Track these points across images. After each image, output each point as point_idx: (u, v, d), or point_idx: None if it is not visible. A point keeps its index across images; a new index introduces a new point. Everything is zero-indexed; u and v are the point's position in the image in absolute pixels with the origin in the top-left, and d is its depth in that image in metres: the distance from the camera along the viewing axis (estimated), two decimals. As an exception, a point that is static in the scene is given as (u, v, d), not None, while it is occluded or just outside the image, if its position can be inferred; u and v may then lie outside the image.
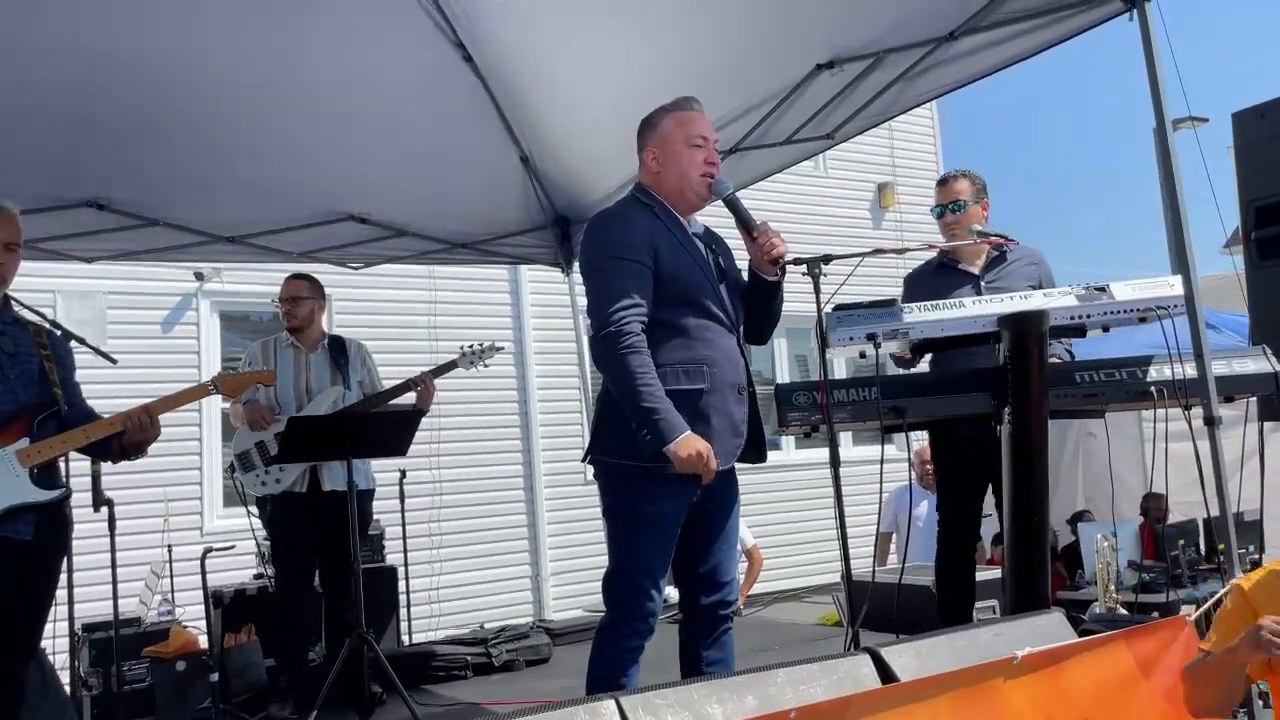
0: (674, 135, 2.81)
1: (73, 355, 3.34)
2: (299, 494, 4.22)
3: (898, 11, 3.60)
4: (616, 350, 2.60)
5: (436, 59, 4.07)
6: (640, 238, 2.70)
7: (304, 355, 4.43)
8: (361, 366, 4.52)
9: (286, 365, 4.37)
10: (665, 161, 2.82)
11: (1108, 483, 7.43)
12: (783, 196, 9.07)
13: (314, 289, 4.50)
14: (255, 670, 4.41)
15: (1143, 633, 2.49)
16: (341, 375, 4.40)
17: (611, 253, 2.70)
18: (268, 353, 4.43)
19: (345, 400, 4.35)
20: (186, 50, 3.71)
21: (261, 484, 4.24)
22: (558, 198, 5.45)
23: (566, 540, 8.47)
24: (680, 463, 2.55)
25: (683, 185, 2.81)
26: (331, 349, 4.48)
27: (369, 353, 4.58)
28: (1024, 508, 3.11)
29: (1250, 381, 3.12)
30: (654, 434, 2.56)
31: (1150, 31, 2.95)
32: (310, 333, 4.46)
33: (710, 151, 2.83)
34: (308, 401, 4.32)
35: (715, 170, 2.83)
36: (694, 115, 2.83)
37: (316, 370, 4.39)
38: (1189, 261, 2.93)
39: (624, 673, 2.64)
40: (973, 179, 3.86)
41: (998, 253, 3.78)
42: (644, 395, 2.57)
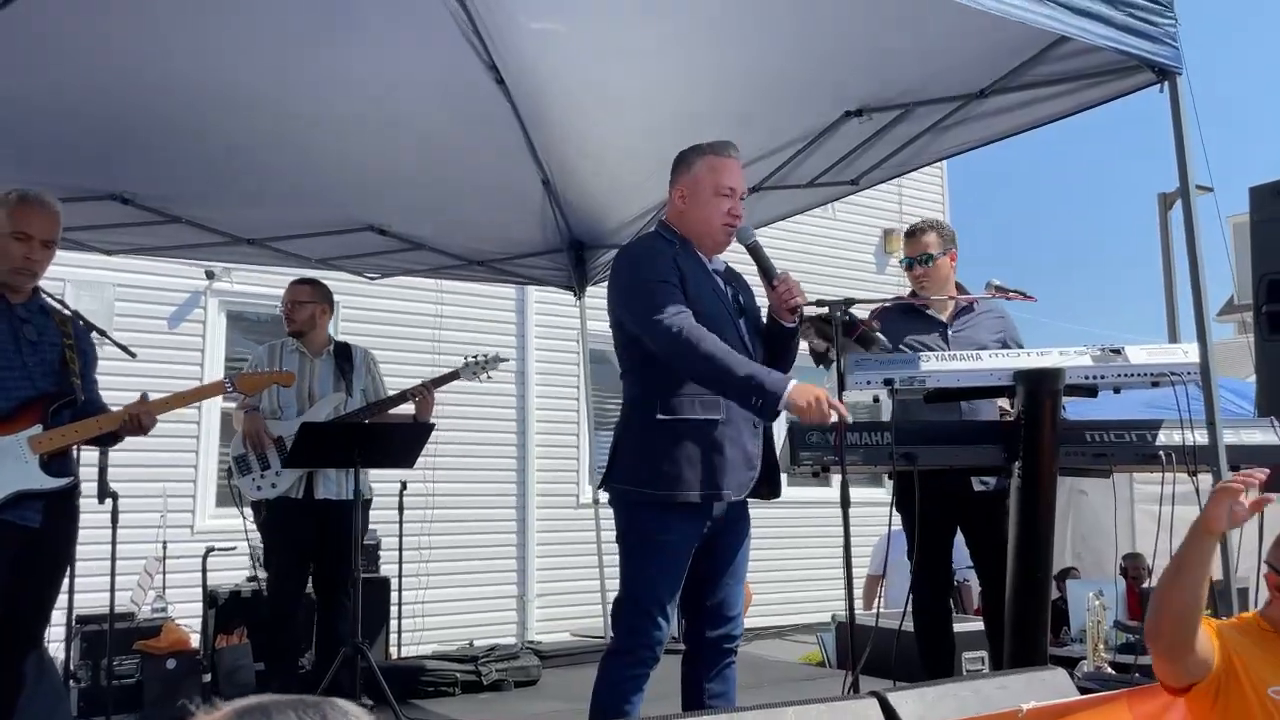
0: (705, 181, 2.86)
1: (95, 349, 3.36)
2: (294, 500, 4.20)
3: (931, 65, 3.66)
4: (689, 342, 2.62)
5: (467, 78, 4.12)
6: (668, 265, 2.77)
7: (309, 361, 4.42)
8: (366, 374, 4.52)
9: (291, 369, 4.33)
10: (691, 204, 2.87)
11: (1096, 540, 7.49)
12: (792, 237, 9.14)
13: (317, 293, 4.49)
14: (245, 673, 4.39)
15: (1144, 694, 2.53)
16: (345, 382, 4.40)
17: (647, 276, 2.76)
18: (274, 357, 4.42)
19: (346, 407, 4.35)
20: (217, 56, 3.76)
21: (257, 488, 4.23)
22: (575, 222, 5.50)
23: (555, 563, 8.46)
24: (801, 411, 2.57)
25: (704, 231, 2.87)
26: (337, 355, 4.48)
27: (375, 360, 4.59)
28: (1028, 563, 3.14)
29: (1258, 453, 3.17)
30: (764, 396, 2.57)
31: (1180, 104, 3.02)
32: (315, 338, 4.45)
33: (736, 203, 2.88)
34: (309, 407, 4.31)
35: (738, 221, 2.89)
36: (728, 164, 2.88)
37: (321, 376, 4.39)
38: (1205, 330, 2.99)
39: (628, 700, 2.66)
40: (940, 231, 3.92)
41: (965, 305, 3.85)
42: (736, 366, 2.60)
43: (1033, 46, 3.36)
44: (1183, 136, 3.02)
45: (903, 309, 3.96)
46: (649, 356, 2.73)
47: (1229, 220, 10.05)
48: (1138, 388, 3.21)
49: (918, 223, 4.01)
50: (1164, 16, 3.05)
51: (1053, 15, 2.81)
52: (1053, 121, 3.66)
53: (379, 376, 4.60)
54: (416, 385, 4.42)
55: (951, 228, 4.00)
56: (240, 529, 4.61)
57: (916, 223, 4.02)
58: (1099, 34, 2.90)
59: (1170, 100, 3.04)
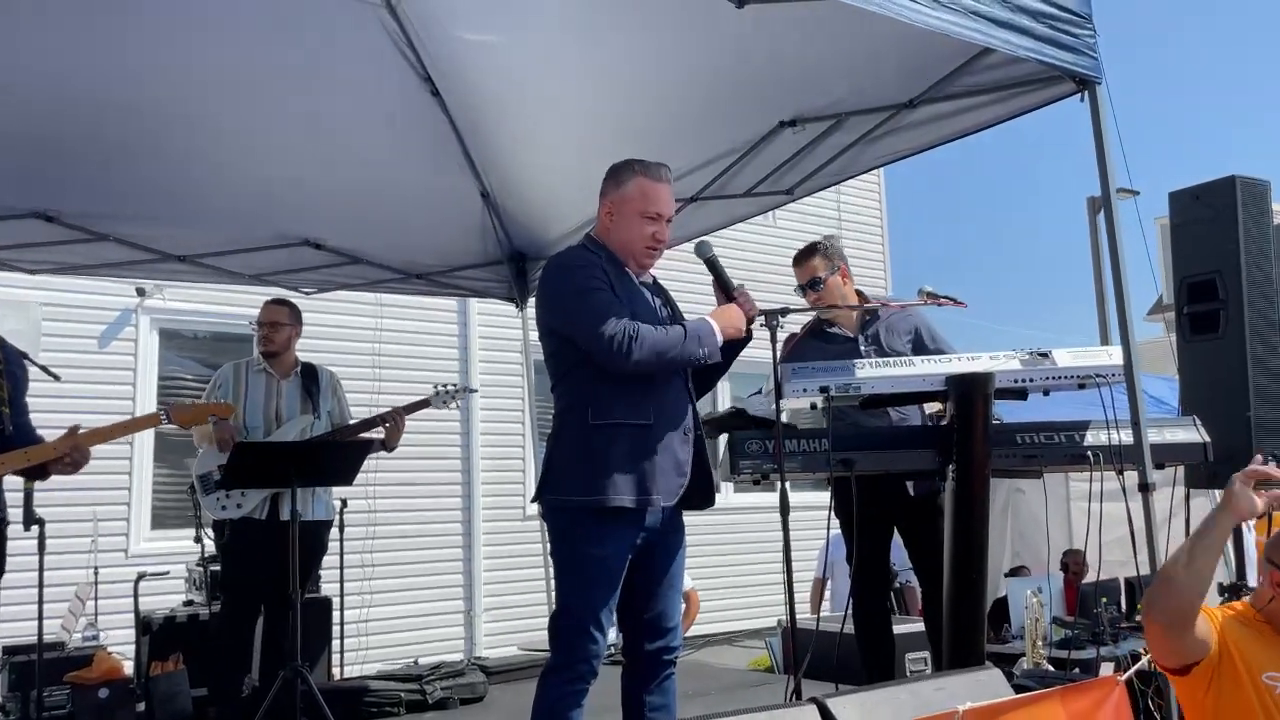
0: (633, 201, 2.85)
1: (26, 371, 3.28)
2: (258, 520, 4.15)
3: (861, 77, 3.72)
4: (635, 344, 2.66)
5: (403, 91, 4.09)
6: (598, 272, 2.78)
7: (276, 382, 4.38)
8: (332, 396, 4.49)
9: (258, 390, 4.32)
10: (617, 221, 2.87)
11: (1034, 538, 7.64)
12: (732, 246, 9.21)
13: (293, 315, 4.49)
14: (182, 700, 4.29)
15: (1076, 691, 2.57)
16: (312, 404, 4.36)
17: (580, 286, 2.76)
18: (239, 376, 4.37)
19: (314, 430, 4.31)
20: (148, 70, 3.69)
21: (221, 508, 4.17)
22: (516, 234, 5.49)
23: (501, 577, 8.40)
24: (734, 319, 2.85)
25: (625, 252, 2.88)
26: (304, 377, 4.44)
27: (340, 383, 4.55)
28: (964, 564, 3.20)
29: (1181, 450, 3.27)
30: (706, 344, 2.78)
31: (1100, 112, 3.10)
32: (285, 359, 4.42)
33: (661, 228, 2.88)
34: (276, 428, 4.26)
35: (661, 246, 2.89)
36: (659, 188, 2.87)
37: (288, 398, 4.35)
38: (1129, 334, 3.06)
39: (567, 715, 2.65)
40: (825, 252, 3.94)
41: (870, 316, 3.91)
42: (679, 337, 2.75)
43: (959, 58, 3.43)
44: (1103, 143, 3.11)
45: (812, 336, 3.99)
46: (579, 361, 2.74)
47: (1156, 222, 10.34)
48: (1066, 389, 3.29)
49: (802, 248, 4.02)
50: (1083, 29, 3.13)
51: (977, 28, 2.87)
52: (981, 130, 3.73)
53: (344, 399, 4.57)
54: (387, 411, 4.39)
55: (837, 244, 4.02)
56: (178, 552, 4.52)
57: (801, 248, 4.03)
58: (1021, 45, 2.97)
59: (1090, 109, 3.12)
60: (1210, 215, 3.72)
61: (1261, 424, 3.58)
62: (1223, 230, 3.68)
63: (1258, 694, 2.30)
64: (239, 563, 4.22)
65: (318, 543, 4.35)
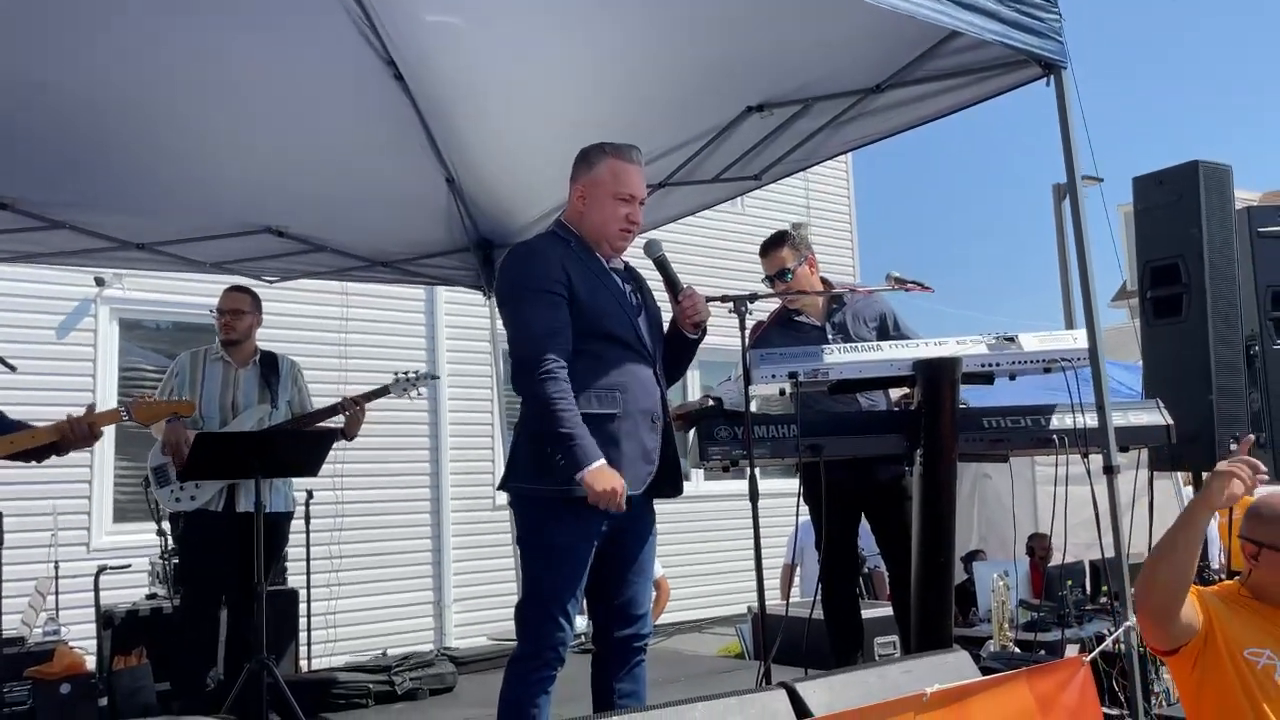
0: (605, 184, 2.83)
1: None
2: (213, 513, 4.09)
3: (828, 62, 3.71)
4: (535, 378, 2.62)
5: (365, 74, 4.02)
6: (554, 269, 2.74)
7: (234, 371, 4.31)
8: (292, 385, 4.43)
9: (214, 379, 4.25)
10: (590, 205, 2.85)
11: (1001, 522, 7.72)
12: (701, 232, 9.21)
13: (254, 303, 4.43)
14: (145, 694, 4.22)
15: (1042, 672, 2.60)
16: (270, 393, 4.30)
17: (527, 285, 2.73)
18: (197, 365, 4.29)
19: (271, 419, 4.25)
20: (103, 57, 3.61)
21: (176, 500, 4.11)
22: (482, 221, 5.43)
23: (471, 566, 8.36)
24: (593, 494, 2.56)
25: (599, 234, 2.85)
26: (263, 366, 4.37)
27: (301, 371, 4.49)
28: (931, 547, 3.21)
29: (1145, 433, 3.30)
30: (569, 460, 2.58)
31: (1065, 97, 3.11)
32: (244, 347, 4.36)
33: (634, 209, 2.86)
34: (232, 418, 4.19)
35: (635, 228, 2.87)
36: (630, 169, 2.86)
37: (245, 387, 4.28)
38: (1094, 319, 3.08)
39: (534, 704, 2.64)
40: (793, 242, 3.94)
41: (835, 304, 3.92)
42: (561, 421, 2.59)
43: (925, 42, 3.42)
44: (1068, 128, 3.12)
45: (779, 326, 4.00)
46: None
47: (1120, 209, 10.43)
48: (1032, 374, 3.31)
49: (769, 237, 4.00)
50: (1049, 12, 3.14)
51: (944, 11, 2.87)
52: (947, 115, 3.73)
53: (305, 388, 4.50)
54: (345, 399, 4.33)
55: (804, 234, 4.01)
56: (139, 545, 4.45)
57: (768, 238, 4.01)
58: (988, 29, 2.97)
59: (1056, 93, 3.13)
60: (1173, 200, 3.75)
61: (1224, 406, 3.63)
62: (1185, 215, 3.71)
63: (1237, 670, 2.35)
64: (196, 556, 4.16)
65: (278, 535, 4.30)
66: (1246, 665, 2.35)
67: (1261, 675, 2.34)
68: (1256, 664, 2.35)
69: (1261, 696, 2.32)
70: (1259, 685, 2.34)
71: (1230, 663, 2.36)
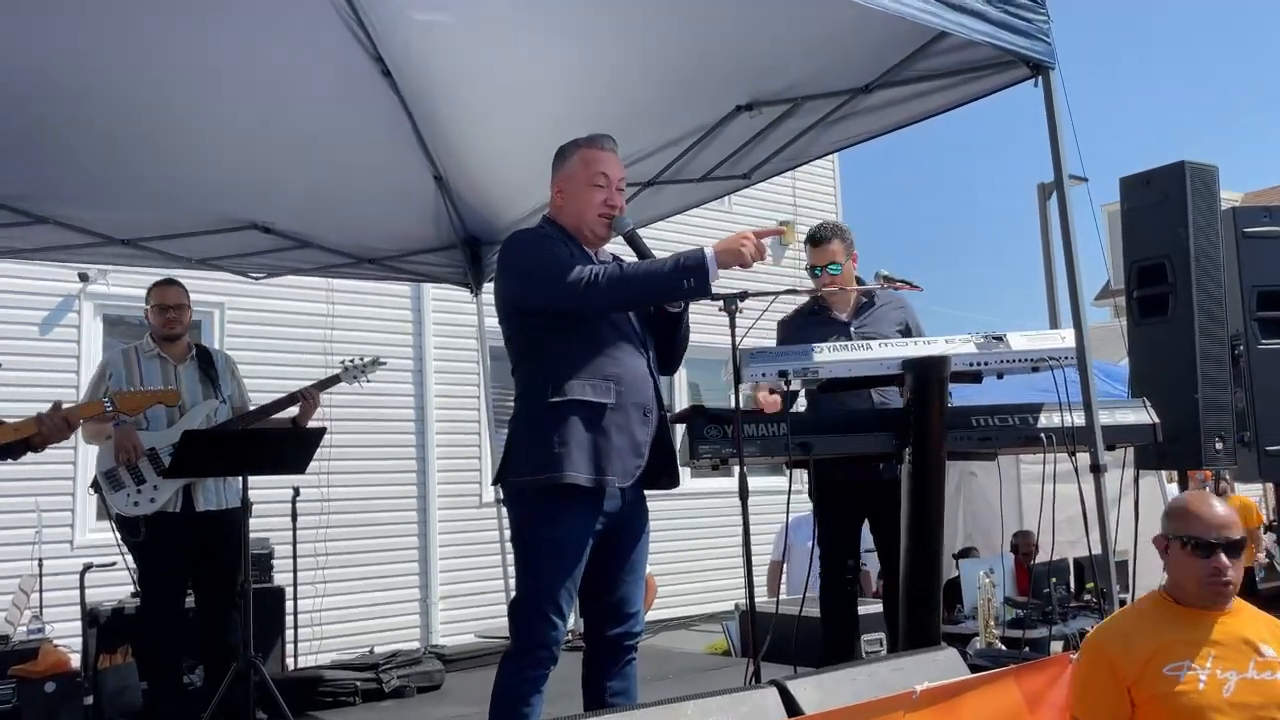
0: (578, 173, 2.85)
1: None
2: (173, 514, 4.00)
3: (817, 61, 3.72)
4: (606, 281, 2.64)
5: (353, 72, 4.01)
6: (560, 247, 2.78)
7: (172, 366, 4.18)
8: (231, 379, 4.34)
9: (153, 376, 4.11)
10: (568, 197, 2.87)
11: (987, 519, 7.76)
12: (688, 231, 9.19)
13: (188, 296, 4.28)
14: (131, 693, 4.20)
15: (1030, 670, 2.62)
16: (214, 388, 4.21)
17: (537, 252, 2.76)
18: (131, 362, 4.15)
19: (219, 416, 4.16)
20: (87, 52, 3.58)
21: (134, 504, 3.98)
22: (470, 218, 5.42)
23: (458, 564, 8.35)
24: (737, 257, 2.63)
25: (580, 223, 2.86)
26: (200, 360, 4.26)
27: (236, 364, 4.43)
28: (919, 545, 3.22)
29: (1131, 432, 3.32)
30: (694, 275, 2.61)
31: (1053, 98, 3.13)
32: (181, 343, 4.23)
33: (611, 192, 2.85)
34: (179, 417, 4.12)
35: (614, 211, 2.86)
36: (601, 154, 2.86)
37: (188, 383, 4.16)
38: (1081, 317, 3.10)
39: (526, 702, 2.63)
40: (843, 237, 3.98)
41: (865, 299, 3.95)
42: (656, 267, 2.64)
43: (914, 42, 3.44)
44: (1056, 128, 3.14)
45: (805, 317, 4.05)
46: (538, 340, 2.72)
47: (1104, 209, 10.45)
48: (1019, 373, 3.32)
49: (821, 229, 4.03)
50: (1037, 13, 3.15)
51: (933, 11, 2.88)
52: (935, 115, 3.75)
53: (242, 381, 4.42)
54: (300, 390, 4.26)
55: (850, 231, 4.06)
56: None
57: (819, 229, 4.04)
58: (976, 29, 2.98)
59: (1044, 94, 3.15)
60: (1160, 200, 3.78)
61: (1209, 405, 3.65)
62: (1172, 215, 3.73)
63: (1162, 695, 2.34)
64: (159, 559, 4.04)
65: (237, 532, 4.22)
66: (1167, 683, 2.34)
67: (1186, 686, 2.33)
68: (1178, 678, 2.34)
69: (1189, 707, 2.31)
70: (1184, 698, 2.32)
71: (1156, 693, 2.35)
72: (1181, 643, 2.39)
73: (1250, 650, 2.39)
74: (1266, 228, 4.12)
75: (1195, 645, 2.39)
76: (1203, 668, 2.35)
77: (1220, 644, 2.39)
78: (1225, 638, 2.40)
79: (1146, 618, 2.50)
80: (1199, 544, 2.40)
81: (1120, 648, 2.44)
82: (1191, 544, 2.42)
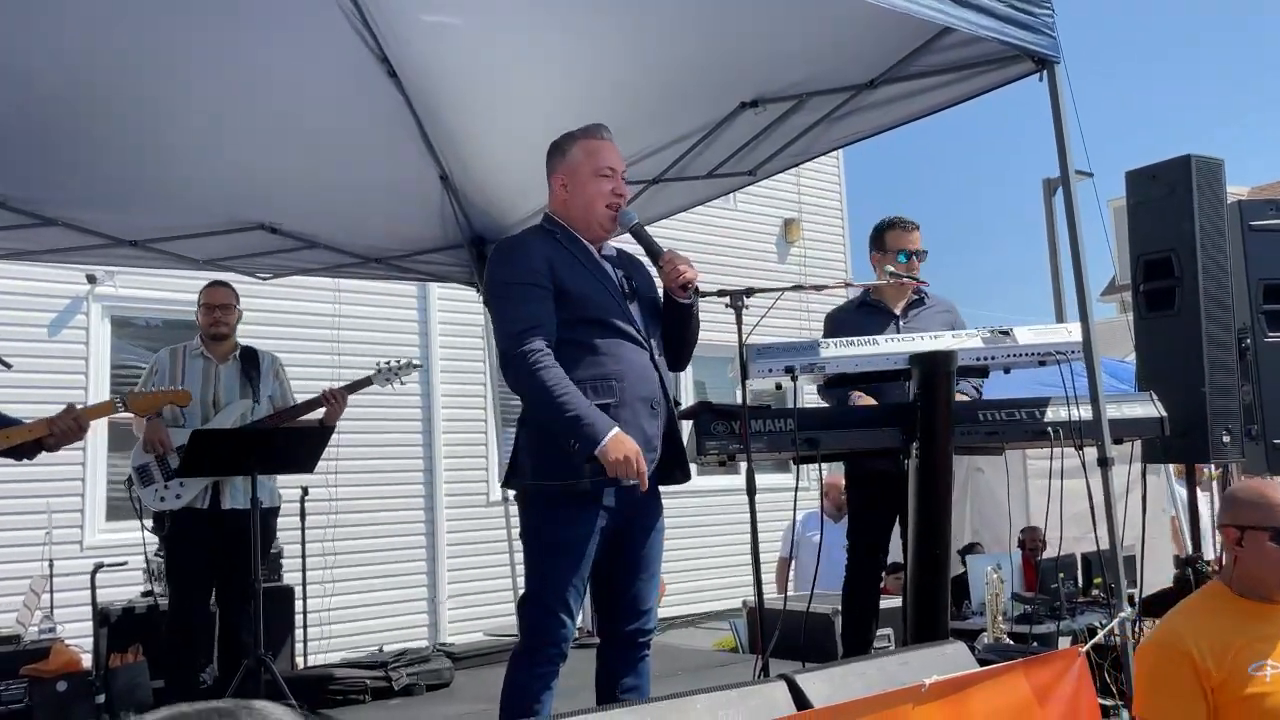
0: (582, 165, 2.84)
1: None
2: (200, 510, 4.07)
3: (822, 57, 3.72)
4: (528, 368, 2.60)
5: (359, 72, 4.02)
6: (537, 261, 2.73)
7: (214, 366, 4.28)
8: (274, 380, 4.40)
9: (195, 375, 4.22)
10: (573, 190, 2.85)
11: (993, 516, 7.75)
12: (692, 228, 9.21)
13: (238, 297, 4.42)
14: (142, 691, 4.22)
15: (1039, 663, 2.61)
16: (252, 389, 4.28)
17: (509, 279, 2.73)
18: (176, 361, 4.26)
19: (253, 414, 4.23)
20: (94, 53, 3.59)
21: (161, 499, 4.08)
22: (476, 217, 5.43)
23: (466, 563, 8.36)
24: (611, 465, 2.52)
25: (588, 215, 2.84)
26: (243, 361, 4.35)
27: (282, 365, 4.48)
28: (927, 540, 3.22)
29: (1139, 425, 3.32)
30: (582, 439, 2.54)
31: (1058, 93, 3.13)
32: (227, 343, 4.33)
33: (617, 182, 2.85)
34: (214, 414, 4.18)
35: (621, 201, 2.86)
36: (603, 145, 2.86)
37: (226, 382, 4.26)
38: (1088, 310, 3.10)
39: (537, 699, 2.64)
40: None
41: (917, 296, 3.96)
42: (565, 405, 2.56)
43: (919, 38, 3.44)
44: (1061, 123, 3.13)
45: (857, 306, 4.10)
46: None
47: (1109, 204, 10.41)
48: (1026, 367, 3.32)
49: (906, 219, 4.07)
50: (1041, 7, 3.14)
51: (938, 7, 2.87)
52: (940, 110, 3.75)
53: (287, 382, 4.48)
54: (327, 392, 4.31)
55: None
56: (133, 543, 4.43)
57: (905, 219, 4.08)
58: (981, 25, 2.98)
59: (1049, 89, 3.14)
60: (1166, 193, 3.77)
61: (1216, 398, 3.65)
62: (1178, 209, 3.73)
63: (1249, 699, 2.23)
64: (184, 554, 4.12)
65: (266, 531, 4.28)
66: (1254, 684, 2.23)
67: (1272, 686, 2.23)
68: (1263, 677, 2.24)
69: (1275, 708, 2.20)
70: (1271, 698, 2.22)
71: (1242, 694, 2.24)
72: (1261, 640, 2.30)
73: None
74: (1273, 221, 4.11)
75: (1270, 641, 2.29)
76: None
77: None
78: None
79: (1218, 614, 2.37)
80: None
81: (1200, 647, 2.30)
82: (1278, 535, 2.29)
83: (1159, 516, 7.04)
